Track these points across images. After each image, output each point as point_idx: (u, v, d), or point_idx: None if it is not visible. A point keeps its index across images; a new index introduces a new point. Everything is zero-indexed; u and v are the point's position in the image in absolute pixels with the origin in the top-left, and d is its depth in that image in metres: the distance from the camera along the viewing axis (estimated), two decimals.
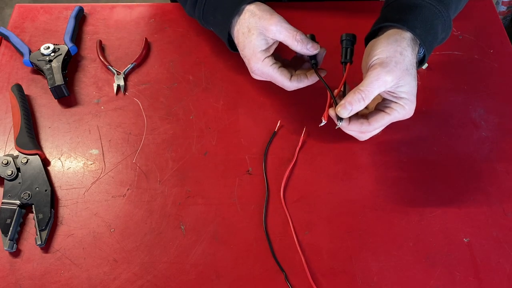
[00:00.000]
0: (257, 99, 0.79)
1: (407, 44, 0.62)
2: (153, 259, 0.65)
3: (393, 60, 0.60)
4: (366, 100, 0.60)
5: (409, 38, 0.63)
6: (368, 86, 0.60)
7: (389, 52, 0.61)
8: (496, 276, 0.64)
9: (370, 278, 0.64)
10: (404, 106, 0.62)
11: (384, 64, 0.60)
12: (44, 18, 0.88)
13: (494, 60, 0.83)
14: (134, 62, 0.82)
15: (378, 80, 0.60)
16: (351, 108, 0.60)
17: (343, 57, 0.66)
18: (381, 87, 0.60)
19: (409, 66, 0.61)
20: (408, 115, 0.64)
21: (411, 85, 0.62)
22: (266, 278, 0.64)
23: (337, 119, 0.62)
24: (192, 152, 0.74)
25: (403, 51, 0.61)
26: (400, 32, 0.63)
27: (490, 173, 0.72)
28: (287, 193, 0.70)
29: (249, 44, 0.67)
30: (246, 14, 0.67)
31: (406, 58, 0.61)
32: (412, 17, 0.64)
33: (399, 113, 0.63)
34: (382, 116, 0.63)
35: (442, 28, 0.66)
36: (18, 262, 0.64)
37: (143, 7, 0.90)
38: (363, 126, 0.63)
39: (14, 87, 0.76)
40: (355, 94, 0.60)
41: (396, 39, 0.62)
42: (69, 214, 0.68)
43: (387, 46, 0.62)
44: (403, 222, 0.68)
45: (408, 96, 0.62)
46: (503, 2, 1.82)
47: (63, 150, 0.73)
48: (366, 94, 0.60)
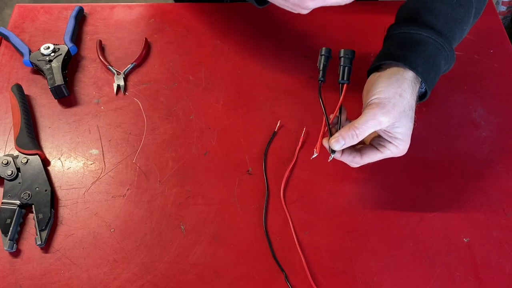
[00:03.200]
0: (257, 99, 0.79)
1: (407, 85, 0.63)
2: (153, 259, 0.65)
3: (392, 101, 0.61)
4: (360, 137, 0.61)
5: (411, 78, 0.63)
6: (363, 124, 0.61)
7: (388, 93, 0.61)
8: (496, 276, 0.64)
9: (370, 278, 0.64)
10: (397, 146, 0.63)
11: (382, 105, 0.61)
12: (44, 18, 0.88)
13: (494, 60, 0.83)
14: (134, 62, 0.82)
15: (374, 119, 0.61)
16: (344, 143, 0.61)
17: (341, 77, 0.65)
18: (376, 127, 0.61)
19: (407, 108, 0.62)
20: (401, 154, 0.65)
21: (406, 126, 0.62)
22: (266, 278, 0.64)
23: (330, 150, 0.63)
24: (192, 152, 0.74)
25: (402, 93, 0.62)
26: (402, 72, 0.63)
27: (490, 173, 0.72)
28: (287, 193, 0.70)
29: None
30: None
31: (405, 100, 0.62)
32: (415, 55, 0.64)
33: (391, 152, 0.64)
34: (375, 153, 0.64)
35: (445, 62, 0.67)
36: (18, 262, 0.64)
37: (143, 7, 0.90)
38: (355, 159, 0.65)
39: (14, 87, 0.76)
40: (349, 129, 0.61)
41: (398, 79, 0.63)
42: (69, 214, 0.68)
43: (388, 86, 0.62)
44: (403, 222, 0.68)
45: (402, 137, 0.63)
46: (503, 2, 1.82)
47: (63, 150, 0.74)
48: (360, 132, 0.61)
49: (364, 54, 0.68)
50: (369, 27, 0.71)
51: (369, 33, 0.84)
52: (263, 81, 0.80)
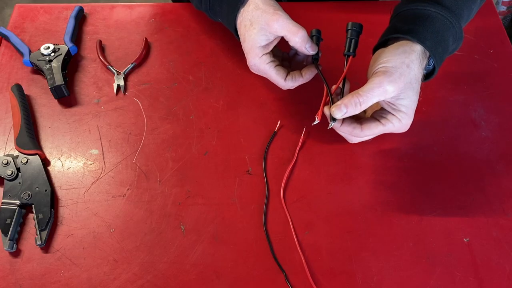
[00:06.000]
0: (257, 99, 0.79)
1: (415, 57, 0.61)
2: (153, 259, 0.65)
3: (399, 71, 0.59)
4: (363, 106, 0.59)
5: (419, 51, 0.62)
6: (368, 92, 0.59)
7: (395, 62, 0.60)
8: (496, 276, 0.64)
9: (370, 278, 0.64)
10: (400, 119, 0.61)
11: (388, 73, 0.59)
12: (44, 18, 0.88)
13: (494, 60, 0.83)
14: (134, 62, 0.82)
15: (380, 88, 0.59)
16: (346, 111, 0.59)
17: (347, 48, 0.65)
18: (381, 96, 0.59)
19: (413, 80, 0.60)
20: (403, 130, 0.63)
21: (411, 99, 0.61)
22: (266, 278, 0.64)
23: (331, 118, 0.62)
24: (192, 152, 0.74)
25: (410, 64, 0.60)
26: (410, 44, 0.62)
27: (490, 173, 0.72)
28: (287, 193, 0.70)
29: (249, 38, 0.66)
30: (250, 6, 0.66)
31: (412, 71, 0.60)
32: (423, 29, 0.62)
33: (394, 125, 0.62)
34: (376, 125, 0.62)
35: (453, 39, 0.65)
36: (18, 262, 0.64)
37: (143, 7, 0.90)
38: (354, 130, 0.63)
39: (14, 87, 0.76)
40: (352, 97, 0.59)
41: (405, 50, 0.61)
42: (69, 214, 0.68)
43: (395, 56, 0.60)
44: (403, 222, 0.68)
45: (406, 110, 0.61)
46: (503, 2, 1.82)
47: (63, 150, 0.73)
48: (364, 100, 0.59)
49: (364, 54, 0.68)
50: (370, 27, 0.71)
51: (370, 33, 0.84)
52: (263, 81, 0.80)
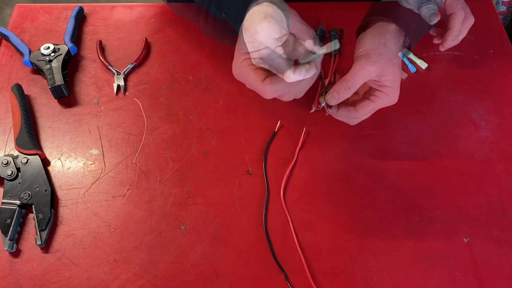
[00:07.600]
0: (257, 99, 0.79)
1: (390, 36, 0.67)
2: (153, 259, 0.65)
3: (377, 52, 0.65)
4: (352, 89, 0.64)
5: (393, 30, 0.68)
6: (354, 76, 0.64)
7: (373, 45, 0.66)
8: (496, 276, 0.64)
9: (370, 278, 0.64)
10: (388, 94, 0.66)
11: (368, 56, 0.65)
12: (44, 18, 0.88)
13: (494, 60, 0.83)
14: (134, 62, 0.82)
15: (363, 70, 0.64)
16: (338, 96, 0.64)
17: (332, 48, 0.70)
18: (365, 77, 0.64)
19: (392, 56, 0.66)
20: (393, 102, 0.67)
21: (394, 73, 0.65)
22: (266, 278, 0.64)
23: (327, 106, 0.66)
24: (192, 152, 0.74)
25: (386, 43, 0.66)
26: (385, 25, 0.68)
27: (490, 173, 0.72)
28: (287, 193, 0.70)
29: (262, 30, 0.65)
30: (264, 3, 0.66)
31: (389, 49, 0.66)
32: (397, 10, 0.68)
33: (383, 100, 0.66)
34: (368, 103, 0.66)
35: None
36: (18, 262, 0.64)
37: (143, 7, 0.90)
38: (350, 113, 0.67)
39: (14, 87, 0.76)
40: (342, 83, 0.64)
41: (380, 32, 0.67)
42: (69, 214, 0.68)
43: (372, 39, 0.67)
44: (403, 222, 0.68)
45: (391, 84, 0.65)
46: (503, 2, 1.82)
47: (63, 150, 0.73)
48: (352, 84, 0.64)
49: None
50: None
51: None
52: None
